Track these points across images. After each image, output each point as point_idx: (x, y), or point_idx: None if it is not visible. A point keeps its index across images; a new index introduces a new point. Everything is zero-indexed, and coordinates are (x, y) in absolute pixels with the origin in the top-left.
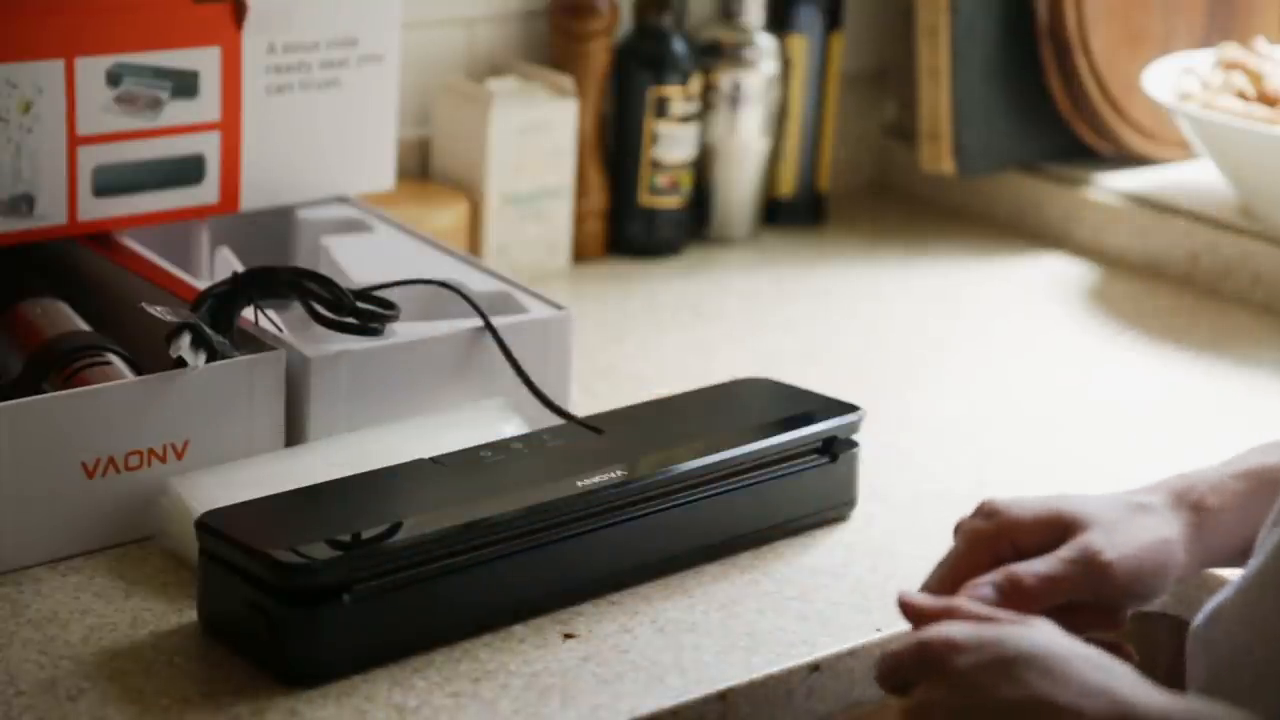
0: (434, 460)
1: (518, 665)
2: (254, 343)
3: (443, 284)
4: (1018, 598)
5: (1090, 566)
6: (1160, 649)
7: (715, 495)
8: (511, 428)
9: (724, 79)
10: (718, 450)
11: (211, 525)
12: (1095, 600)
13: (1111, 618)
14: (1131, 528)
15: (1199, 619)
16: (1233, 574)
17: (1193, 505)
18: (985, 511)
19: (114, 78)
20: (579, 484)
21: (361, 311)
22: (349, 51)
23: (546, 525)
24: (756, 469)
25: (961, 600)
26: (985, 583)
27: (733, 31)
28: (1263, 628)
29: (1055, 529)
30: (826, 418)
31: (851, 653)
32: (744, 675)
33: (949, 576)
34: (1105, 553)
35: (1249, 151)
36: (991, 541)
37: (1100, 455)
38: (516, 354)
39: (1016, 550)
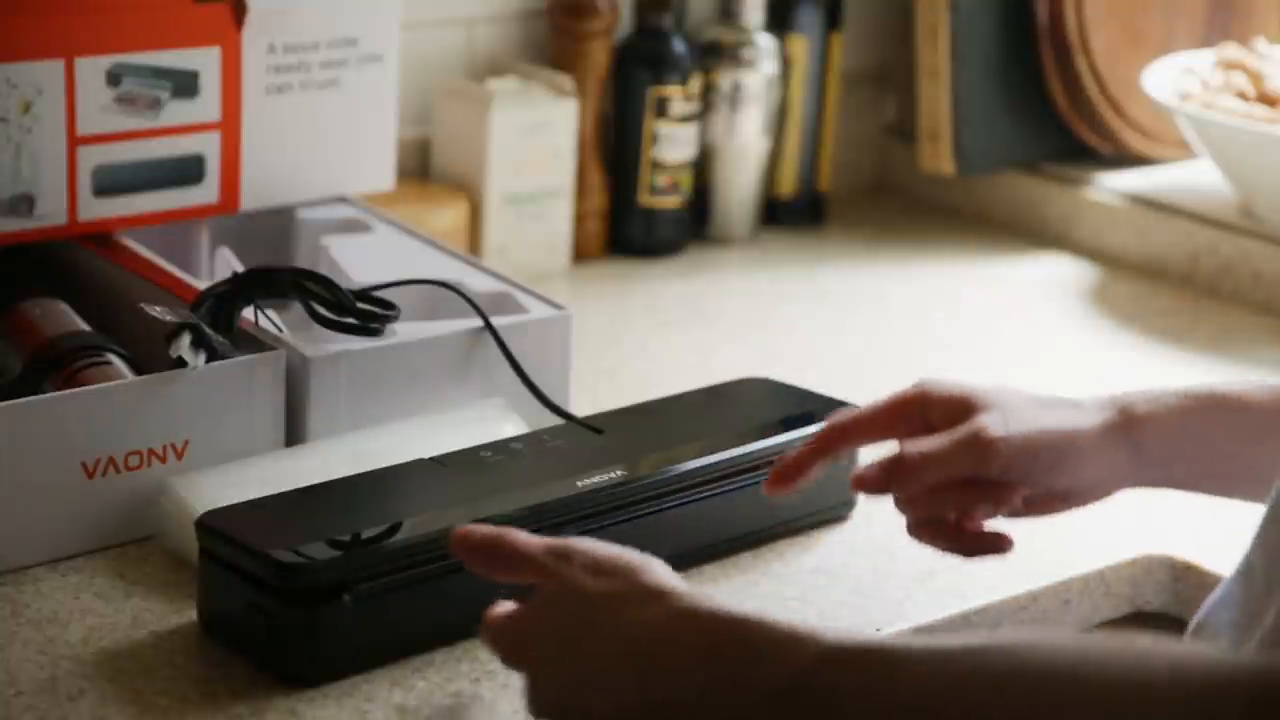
0: (434, 460)
1: None
2: (254, 343)
3: (443, 284)
4: (901, 474)
5: (974, 445)
6: None
7: (715, 495)
8: (511, 428)
9: (724, 79)
10: (718, 450)
11: (211, 525)
12: (985, 479)
13: (1001, 497)
14: (1034, 413)
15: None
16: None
17: (1121, 409)
18: (917, 382)
19: (114, 78)
20: (579, 484)
21: (361, 311)
22: (349, 51)
23: (546, 525)
24: (757, 469)
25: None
26: (874, 465)
27: (733, 31)
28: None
29: (963, 409)
30: (826, 418)
31: None
32: None
33: (858, 418)
34: (991, 431)
35: (1249, 151)
36: (904, 405)
37: None
38: (516, 354)
39: (925, 422)
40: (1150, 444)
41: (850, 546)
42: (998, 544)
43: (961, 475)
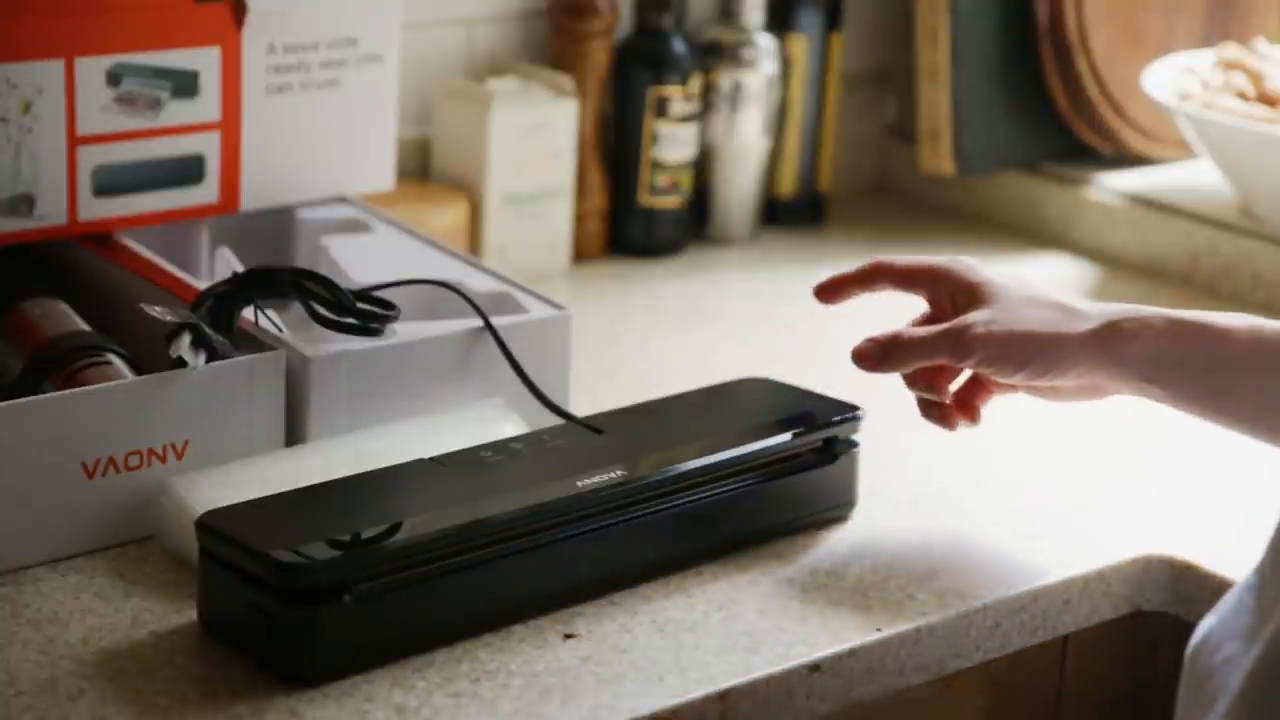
0: (434, 460)
1: (518, 665)
2: (254, 343)
3: (442, 284)
4: (894, 353)
5: (957, 338)
6: (1160, 648)
7: (715, 495)
8: (511, 428)
9: (724, 79)
10: (718, 450)
11: (211, 525)
12: (968, 367)
13: (981, 387)
14: (1027, 313)
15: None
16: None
17: (1110, 322)
18: (951, 258)
19: (114, 78)
20: (579, 484)
21: (361, 312)
22: (349, 51)
23: (546, 525)
24: (756, 469)
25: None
26: (871, 341)
27: (733, 31)
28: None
29: (969, 298)
30: (826, 418)
31: (851, 653)
32: (744, 675)
33: (896, 265)
34: (975, 329)
35: (1249, 151)
36: (934, 272)
37: (1101, 454)
38: (516, 354)
39: (948, 293)
40: (1129, 359)
41: (850, 546)
42: (970, 415)
43: (943, 362)
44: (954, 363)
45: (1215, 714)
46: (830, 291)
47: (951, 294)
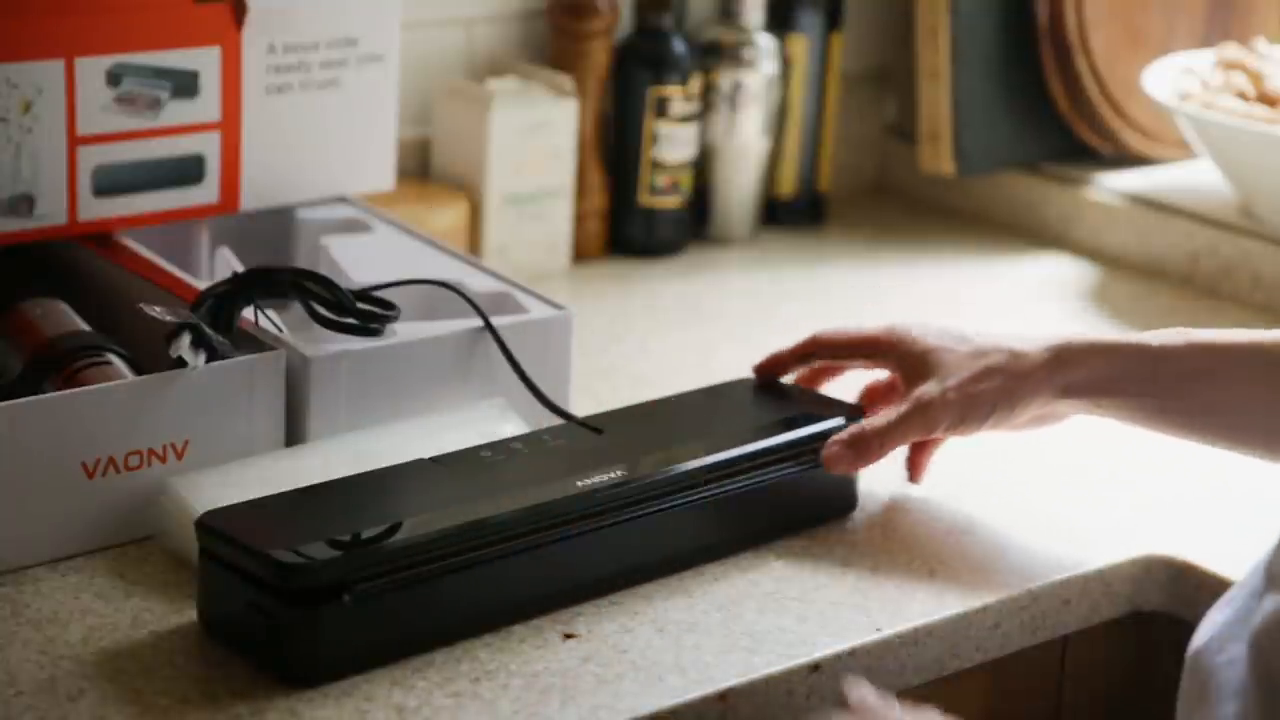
0: (434, 460)
1: (518, 665)
2: (254, 343)
3: (442, 284)
4: (864, 448)
5: (920, 413)
6: (1160, 648)
7: (715, 495)
8: (511, 428)
9: (724, 79)
10: (718, 450)
11: (211, 525)
12: (939, 435)
13: (929, 442)
14: (973, 366)
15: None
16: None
17: (1057, 353)
18: (890, 326)
19: (114, 78)
20: (579, 484)
21: (361, 312)
22: (349, 51)
23: (546, 525)
24: (756, 469)
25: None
26: (836, 443)
27: (733, 31)
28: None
29: (916, 370)
30: (826, 418)
31: (851, 653)
32: (744, 675)
33: (837, 337)
34: (935, 401)
35: (1249, 152)
36: (876, 343)
37: (1100, 455)
38: (516, 354)
39: (894, 364)
40: (1077, 387)
41: (850, 546)
42: (915, 473)
43: (915, 440)
44: (925, 436)
45: (1218, 715)
46: (769, 369)
47: (897, 363)
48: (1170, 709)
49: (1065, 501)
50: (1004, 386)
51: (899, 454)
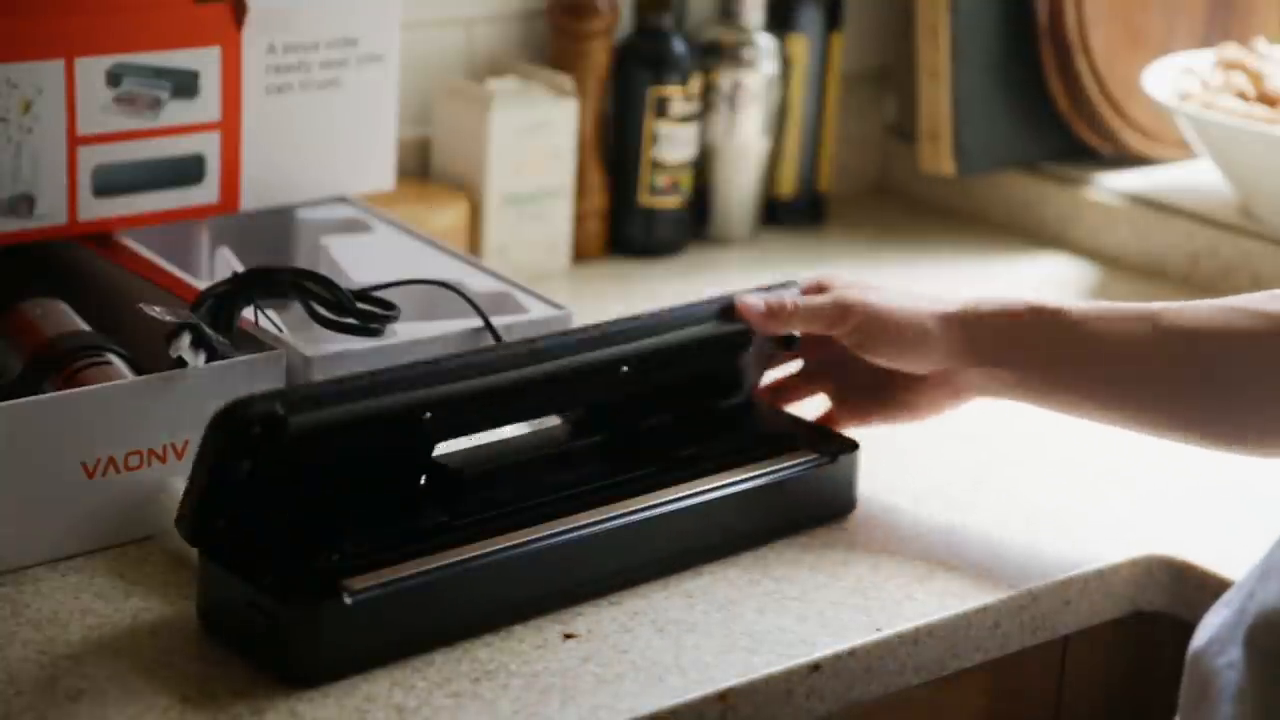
0: (435, 460)
1: (518, 665)
2: (254, 343)
3: (442, 284)
4: (778, 314)
5: (836, 304)
6: (1161, 649)
7: (715, 495)
8: (510, 428)
9: (724, 79)
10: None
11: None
12: (842, 337)
13: (832, 419)
14: (896, 298)
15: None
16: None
17: (968, 306)
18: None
19: (114, 78)
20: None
21: (361, 312)
22: (349, 51)
23: (547, 524)
24: (757, 469)
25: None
26: (757, 300)
27: (733, 31)
28: None
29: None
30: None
31: (851, 653)
32: (744, 675)
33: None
34: (854, 300)
35: (1249, 152)
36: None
37: (1101, 455)
38: None
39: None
40: (981, 340)
41: (850, 547)
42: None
43: (820, 329)
44: (830, 330)
45: (1218, 716)
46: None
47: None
48: (1171, 710)
49: (1065, 501)
50: (917, 317)
51: (897, 456)
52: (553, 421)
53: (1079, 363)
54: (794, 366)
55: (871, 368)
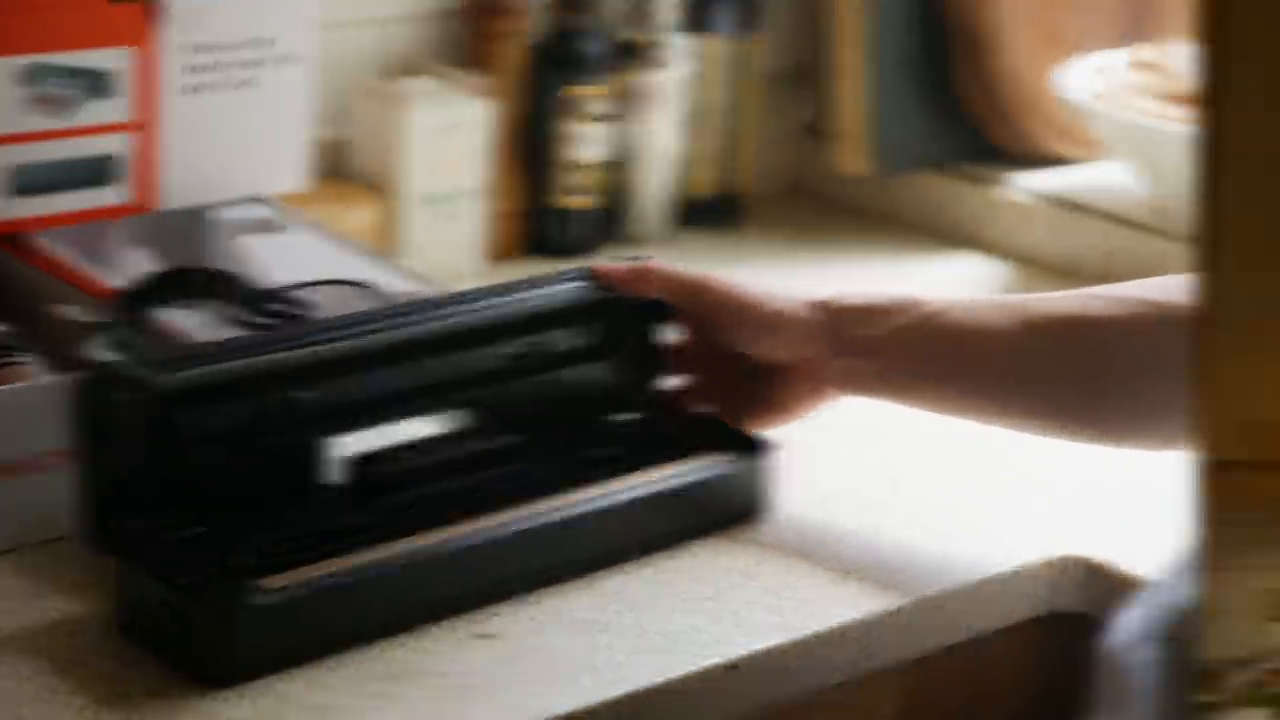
0: (352, 460)
1: (433, 665)
2: (168, 343)
3: (358, 284)
4: (643, 270)
5: (703, 278)
6: (1075, 648)
7: (631, 497)
8: (429, 426)
9: (639, 79)
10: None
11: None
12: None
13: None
14: (764, 292)
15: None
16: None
17: (830, 296)
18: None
19: (29, 77)
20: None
21: (276, 312)
22: (265, 51)
23: (461, 524)
24: (673, 471)
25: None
26: (625, 263)
27: (647, 31)
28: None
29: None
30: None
31: (767, 653)
32: (659, 675)
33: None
34: (715, 280)
35: (1162, 152)
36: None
37: (1015, 454)
38: None
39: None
40: (840, 326)
41: (764, 547)
42: None
43: (681, 300)
44: (690, 299)
45: (1134, 715)
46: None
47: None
48: (1086, 709)
49: (978, 502)
50: (776, 302)
51: (812, 458)
52: (465, 422)
53: (940, 354)
54: (679, 380)
55: (743, 370)
